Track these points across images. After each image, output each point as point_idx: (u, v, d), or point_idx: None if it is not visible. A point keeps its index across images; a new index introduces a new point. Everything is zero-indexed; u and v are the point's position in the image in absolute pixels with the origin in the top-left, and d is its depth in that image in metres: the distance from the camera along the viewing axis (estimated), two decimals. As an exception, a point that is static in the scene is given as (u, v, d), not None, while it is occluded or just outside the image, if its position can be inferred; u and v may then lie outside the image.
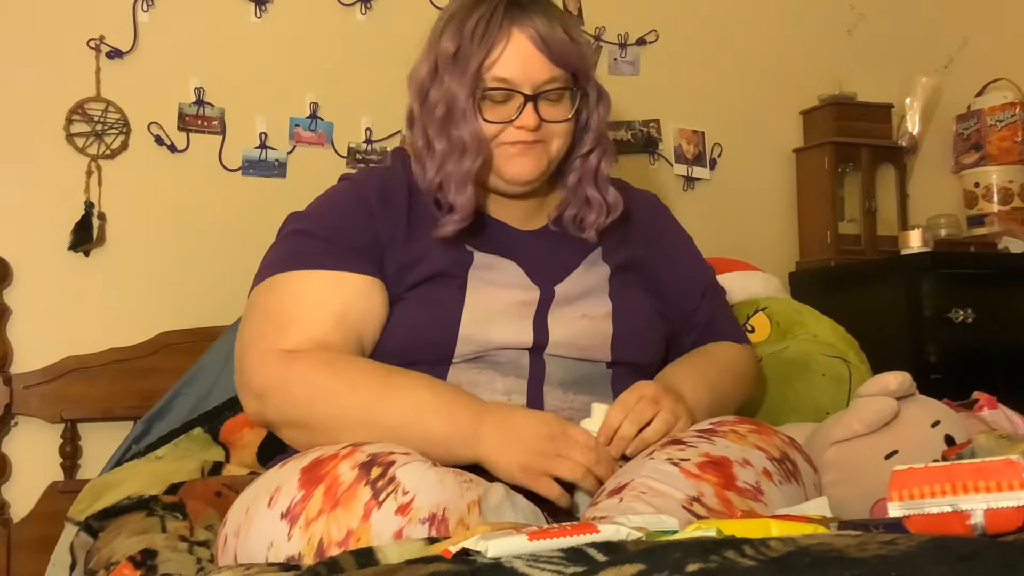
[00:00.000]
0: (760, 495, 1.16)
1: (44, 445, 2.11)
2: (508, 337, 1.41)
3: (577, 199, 1.53)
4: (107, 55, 2.21)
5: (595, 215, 1.52)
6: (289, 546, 1.08)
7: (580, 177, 1.53)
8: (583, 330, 1.45)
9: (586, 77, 1.51)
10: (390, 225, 1.46)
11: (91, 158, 2.18)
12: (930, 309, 2.39)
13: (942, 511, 0.84)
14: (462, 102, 1.42)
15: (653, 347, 1.54)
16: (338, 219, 1.46)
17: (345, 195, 1.51)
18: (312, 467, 1.14)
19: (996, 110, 2.82)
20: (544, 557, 0.79)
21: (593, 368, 1.45)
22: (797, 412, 1.87)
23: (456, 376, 1.39)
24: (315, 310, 1.38)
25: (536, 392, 1.40)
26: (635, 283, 1.55)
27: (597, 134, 1.54)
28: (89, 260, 2.18)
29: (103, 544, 1.45)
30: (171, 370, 2.06)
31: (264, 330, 1.38)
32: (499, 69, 1.42)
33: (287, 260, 1.43)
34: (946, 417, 1.48)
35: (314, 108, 2.35)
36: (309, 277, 1.40)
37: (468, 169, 1.43)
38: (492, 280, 1.44)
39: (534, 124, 1.43)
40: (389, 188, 1.50)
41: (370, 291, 1.41)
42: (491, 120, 1.44)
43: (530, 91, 1.42)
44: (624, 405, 1.31)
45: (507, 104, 1.44)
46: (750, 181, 2.74)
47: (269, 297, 1.41)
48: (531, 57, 1.42)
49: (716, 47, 2.72)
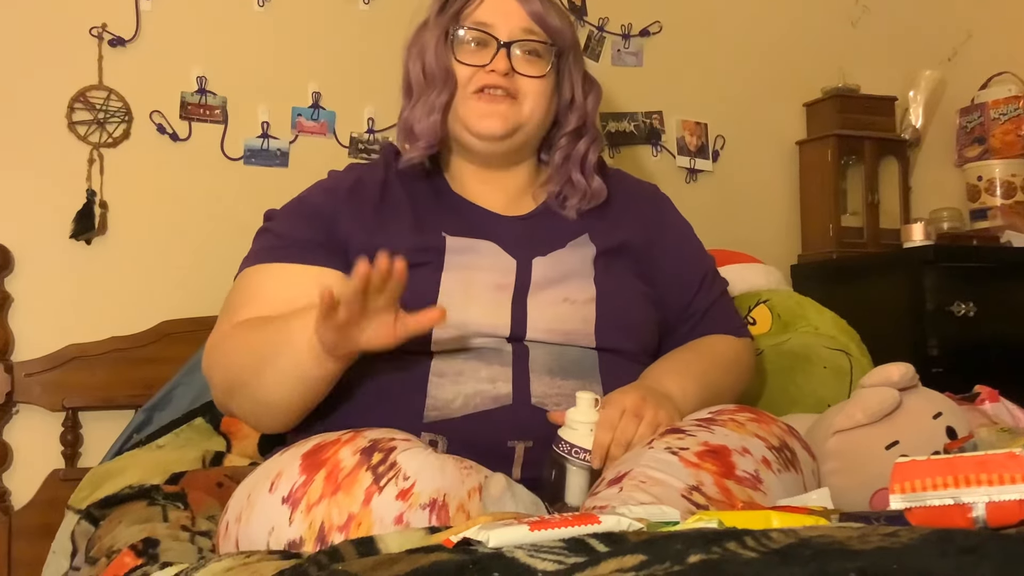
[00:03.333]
0: (759, 484, 1.16)
1: (45, 433, 2.11)
2: (485, 319, 1.40)
3: (560, 178, 1.58)
4: (109, 43, 2.20)
5: (577, 198, 1.56)
6: (290, 530, 1.08)
7: (567, 156, 1.58)
8: (564, 314, 1.44)
9: (567, 49, 1.56)
10: (356, 215, 1.49)
11: (93, 146, 2.18)
12: (932, 302, 2.39)
13: (944, 504, 0.84)
14: (436, 41, 1.51)
15: (641, 333, 1.52)
16: (299, 215, 1.52)
17: (316, 191, 1.57)
18: (313, 452, 1.15)
19: (1000, 104, 2.81)
20: (545, 547, 0.79)
21: (580, 353, 1.44)
22: (798, 404, 1.87)
23: (439, 366, 1.38)
24: (264, 300, 1.43)
25: (522, 378, 1.39)
26: (625, 267, 1.54)
27: (582, 114, 1.58)
28: (91, 248, 2.17)
29: (104, 532, 1.46)
30: (172, 359, 2.07)
31: (220, 320, 1.47)
32: (479, 14, 1.51)
33: (249, 257, 1.51)
34: (948, 409, 1.48)
35: (316, 97, 2.35)
36: (264, 271, 1.47)
37: (432, 101, 1.51)
38: (467, 263, 1.45)
39: (504, 69, 1.49)
40: (363, 181, 1.55)
41: (320, 280, 1.40)
42: (465, 62, 1.50)
43: (505, 37, 1.50)
44: (609, 424, 1.27)
45: (483, 51, 1.50)
46: (753, 173, 2.73)
47: (232, 292, 1.49)
48: (511, 8, 1.51)
49: (720, 39, 2.71)
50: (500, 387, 1.37)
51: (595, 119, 1.61)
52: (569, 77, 1.57)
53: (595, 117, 1.60)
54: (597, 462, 1.26)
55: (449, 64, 1.51)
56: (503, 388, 1.37)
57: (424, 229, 1.49)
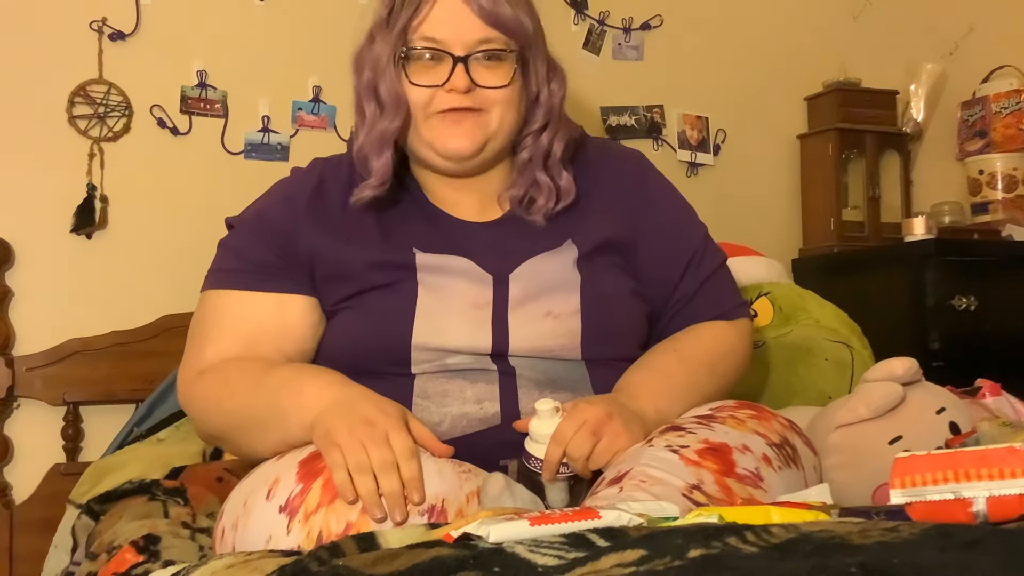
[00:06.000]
0: (760, 481, 1.15)
1: (46, 427, 2.11)
2: (464, 341, 1.33)
3: (524, 180, 1.44)
4: (110, 37, 2.20)
5: (544, 199, 1.43)
6: (288, 539, 1.07)
7: (531, 156, 1.44)
8: (548, 330, 1.35)
9: (529, 44, 1.41)
10: (318, 228, 1.41)
11: (93, 140, 2.18)
12: (933, 296, 2.39)
13: (944, 498, 0.84)
14: (384, 62, 1.37)
15: (630, 338, 1.44)
16: (257, 234, 1.42)
17: (275, 200, 1.47)
18: (310, 460, 1.14)
19: (1001, 97, 2.81)
20: (546, 542, 0.79)
21: (567, 367, 1.36)
22: (799, 396, 1.87)
23: (423, 386, 1.32)
24: (228, 331, 1.38)
25: (510, 397, 1.32)
26: (609, 265, 1.44)
27: (548, 109, 1.44)
28: (91, 243, 2.17)
29: (105, 527, 1.46)
30: (173, 353, 2.03)
31: (189, 350, 1.41)
32: (427, 28, 1.36)
33: (211, 276, 1.44)
34: (951, 404, 1.48)
35: (317, 92, 2.35)
36: (224, 298, 1.40)
37: (384, 129, 1.38)
38: (440, 283, 1.36)
39: (464, 86, 1.34)
40: (324, 187, 1.45)
41: (281, 308, 1.39)
42: (420, 83, 1.36)
43: (461, 52, 1.35)
44: (561, 439, 1.19)
45: (438, 67, 1.36)
46: (754, 167, 2.73)
47: (197, 315, 1.44)
48: (461, 16, 1.35)
49: (721, 32, 2.71)
50: (487, 407, 1.31)
51: (561, 110, 1.47)
52: (534, 72, 1.43)
53: (562, 108, 1.47)
54: (547, 475, 1.20)
55: (401, 90, 1.37)
56: (490, 408, 1.31)
57: (392, 242, 1.40)
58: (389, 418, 1.17)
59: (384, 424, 1.15)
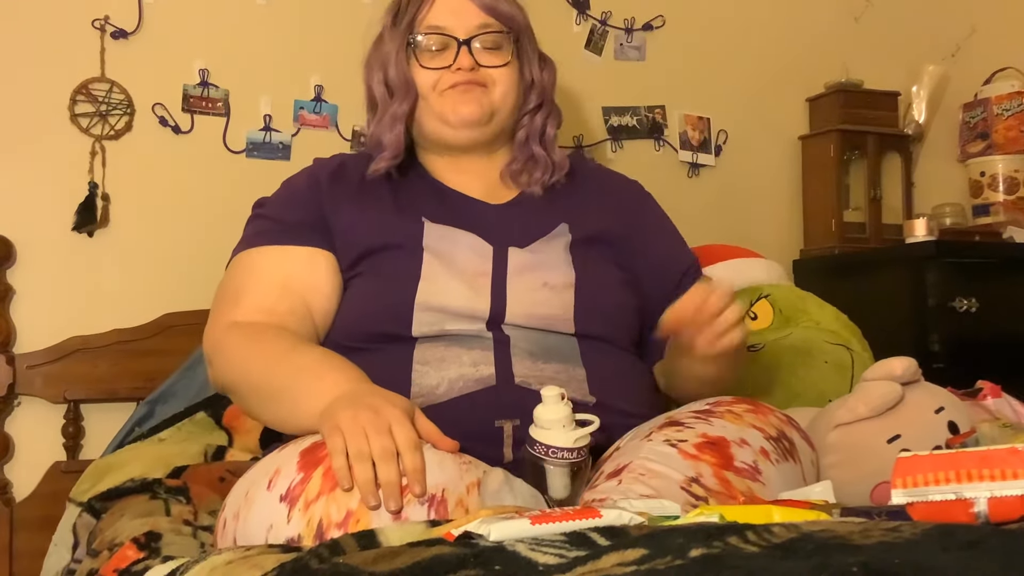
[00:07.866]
0: (758, 475, 1.17)
1: (47, 425, 2.11)
2: (463, 303, 1.41)
3: (523, 155, 1.61)
4: (112, 35, 2.20)
5: (540, 172, 1.59)
6: (289, 528, 1.08)
7: (528, 134, 1.62)
8: (543, 299, 1.44)
9: (523, 33, 1.60)
10: (337, 198, 1.54)
11: (95, 139, 2.18)
12: (934, 298, 2.39)
13: (946, 499, 0.84)
14: (394, 54, 1.55)
15: (620, 321, 1.51)
16: (287, 200, 1.56)
17: (301, 177, 1.62)
18: (311, 450, 1.15)
19: (1003, 99, 2.81)
20: (547, 541, 0.79)
21: (560, 340, 1.43)
22: (799, 398, 1.87)
23: (422, 353, 1.38)
24: (261, 283, 1.47)
25: (504, 361, 1.37)
26: (602, 256, 1.54)
27: (540, 91, 1.62)
28: (93, 241, 2.17)
29: (106, 525, 1.46)
30: (174, 352, 2.07)
31: (220, 304, 1.49)
32: (432, 18, 1.54)
33: (242, 242, 1.54)
34: (950, 404, 1.48)
35: (319, 90, 2.35)
36: (258, 254, 1.50)
37: (394, 112, 1.55)
38: (445, 251, 1.47)
39: (470, 64, 1.52)
40: (345, 168, 1.60)
41: (312, 260, 1.49)
42: (429, 66, 1.54)
43: (463, 35, 1.53)
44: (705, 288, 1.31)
45: (444, 53, 1.54)
46: (755, 168, 2.73)
47: (227, 277, 1.53)
48: (461, 5, 1.54)
49: (723, 33, 2.71)
50: (483, 370, 1.36)
51: (552, 95, 1.65)
52: (527, 59, 1.61)
53: (552, 93, 1.65)
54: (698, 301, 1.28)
55: (409, 74, 1.55)
56: (486, 370, 1.36)
57: (403, 212, 1.52)
58: (395, 408, 1.18)
59: (389, 414, 1.16)
